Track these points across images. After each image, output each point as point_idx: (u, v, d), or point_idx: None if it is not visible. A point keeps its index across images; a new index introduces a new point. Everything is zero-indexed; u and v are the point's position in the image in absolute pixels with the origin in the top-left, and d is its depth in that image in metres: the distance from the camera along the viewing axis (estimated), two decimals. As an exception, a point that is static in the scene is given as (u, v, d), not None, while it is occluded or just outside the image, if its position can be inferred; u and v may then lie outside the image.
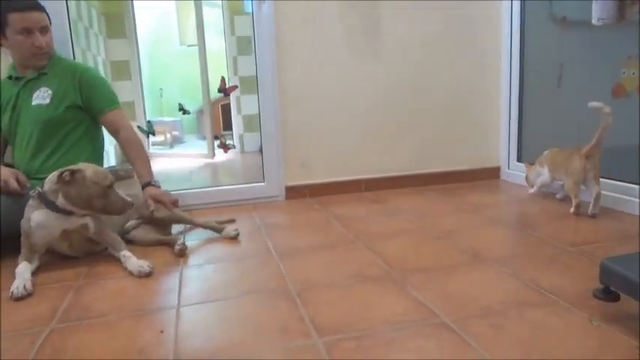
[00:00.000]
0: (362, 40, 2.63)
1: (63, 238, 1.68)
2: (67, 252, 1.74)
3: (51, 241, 1.67)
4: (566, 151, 2.27)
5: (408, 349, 1.05)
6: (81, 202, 1.62)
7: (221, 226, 1.98)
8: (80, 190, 1.60)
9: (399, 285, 1.39)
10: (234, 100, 5.01)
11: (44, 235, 1.63)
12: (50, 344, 1.15)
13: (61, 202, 1.61)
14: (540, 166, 2.39)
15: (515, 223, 1.97)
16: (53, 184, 1.61)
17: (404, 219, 2.11)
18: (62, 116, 1.96)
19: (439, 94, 2.77)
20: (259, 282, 1.48)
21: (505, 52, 2.78)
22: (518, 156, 2.78)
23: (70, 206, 1.62)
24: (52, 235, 1.65)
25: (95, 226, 1.71)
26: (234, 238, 1.92)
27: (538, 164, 2.40)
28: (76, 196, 1.60)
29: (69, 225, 1.66)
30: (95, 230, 1.71)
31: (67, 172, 1.58)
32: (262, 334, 1.15)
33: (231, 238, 1.93)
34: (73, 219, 1.66)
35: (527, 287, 1.34)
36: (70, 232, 1.68)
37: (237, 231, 1.94)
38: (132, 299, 1.39)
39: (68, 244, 1.71)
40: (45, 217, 1.61)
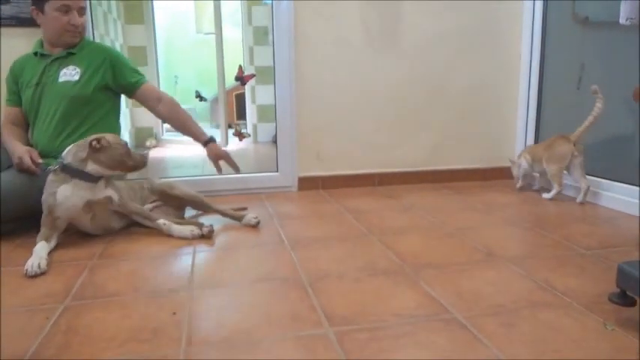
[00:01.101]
0: (381, 35, 2.61)
1: (86, 211, 1.71)
2: (89, 228, 1.77)
3: (74, 215, 1.70)
4: (544, 142, 2.40)
5: (420, 343, 1.05)
6: (114, 163, 1.73)
7: (240, 214, 1.98)
8: (110, 153, 1.72)
9: (412, 279, 1.39)
10: (248, 89, 5.01)
11: (69, 208, 1.67)
12: (65, 320, 1.17)
13: (92, 169, 1.70)
14: (519, 157, 2.51)
15: (530, 223, 1.96)
16: (79, 154, 1.69)
17: (417, 215, 2.11)
18: (89, 95, 2.00)
19: (456, 91, 2.75)
20: (271, 270, 1.48)
21: (525, 52, 2.75)
22: (534, 157, 2.75)
23: (102, 170, 1.71)
24: (76, 208, 1.69)
25: (119, 197, 1.78)
26: (255, 226, 1.93)
27: (518, 158, 2.52)
28: (107, 159, 1.71)
29: (92, 196, 1.71)
30: (119, 202, 1.78)
31: (94, 141, 1.69)
32: (273, 321, 1.15)
33: (252, 225, 1.93)
34: (97, 190, 1.72)
35: (541, 288, 1.33)
36: (94, 204, 1.72)
37: (258, 219, 1.94)
38: (146, 280, 1.41)
39: (91, 216, 1.74)
40: (70, 189, 1.67)
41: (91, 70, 2.01)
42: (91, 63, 2.02)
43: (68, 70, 1.99)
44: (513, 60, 2.79)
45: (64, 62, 2.01)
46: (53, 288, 1.36)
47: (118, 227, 1.85)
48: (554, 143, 2.30)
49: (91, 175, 1.70)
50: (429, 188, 2.65)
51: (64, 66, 2.00)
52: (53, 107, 1.97)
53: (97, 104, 2.04)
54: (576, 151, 2.21)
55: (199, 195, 2.03)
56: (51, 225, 1.66)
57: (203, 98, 4.68)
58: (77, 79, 1.98)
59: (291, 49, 2.52)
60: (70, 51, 2.02)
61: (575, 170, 2.24)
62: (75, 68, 2.00)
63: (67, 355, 1.01)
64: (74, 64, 2.01)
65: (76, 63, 2.01)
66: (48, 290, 1.35)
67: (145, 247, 1.72)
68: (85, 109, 2.00)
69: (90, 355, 1.01)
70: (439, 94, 2.73)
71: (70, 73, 1.99)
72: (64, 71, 1.99)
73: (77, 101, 1.98)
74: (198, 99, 4.65)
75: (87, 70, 2.01)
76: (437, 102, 2.74)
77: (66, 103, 1.97)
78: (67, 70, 1.99)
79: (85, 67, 2.01)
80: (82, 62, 2.02)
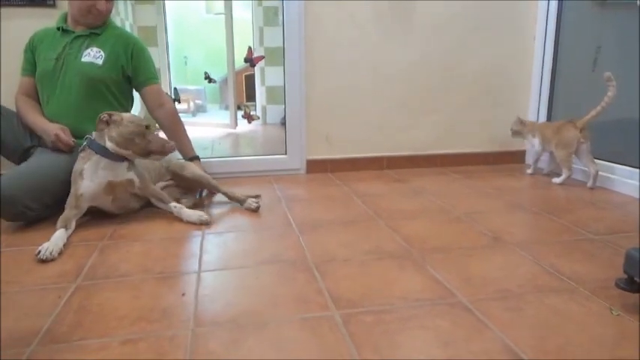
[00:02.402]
0: (392, 17, 2.57)
1: (108, 192, 1.74)
2: (110, 208, 1.81)
3: (97, 194, 1.73)
4: (554, 124, 2.39)
5: (426, 326, 1.06)
6: (123, 141, 1.71)
7: (242, 197, 1.99)
8: (120, 130, 1.70)
9: (418, 263, 1.40)
10: (258, 71, 4.98)
11: (92, 186, 1.70)
12: (77, 300, 1.19)
13: (109, 146, 1.71)
14: (532, 134, 2.49)
15: (539, 208, 1.94)
16: (96, 129, 1.72)
17: (425, 199, 2.10)
18: (112, 79, 2.03)
19: (468, 73, 2.71)
20: (279, 252, 1.50)
21: (540, 33, 2.70)
22: (545, 141, 2.72)
23: (117, 148, 1.71)
24: (99, 187, 1.72)
25: (140, 181, 1.80)
26: (255, 211, 1.94)
27: (528, 130, 2.51)
28: (117, 135, 1.70)
29: (114, 177, 1.74)
30: (140, 185, 1.81)
31: (104, 114, 1.70)
32: (280, 303, 1.17)
33: (252, 210, 1.94)
34: (119, 171, 1.75)
35: (547, 273, 1.33)
36: (116, 186, 1.75)
37: (259, 204, 1.96)
38: (155, 262, 1.43)
39: (112, 197, 1.77)
40: (94, 166, 1.70)
41: (114, 56, 2.03)
42: (113, 48, 2.03)
43: (92, 51, 2.00)
44: (527, 41, 2.74)
45: (88, 42, 2.01)
46: (65, 268, 1.39)
47: (138, 207, 1.88)
48: (562, 128, 2.30)
49: (111, 153, 1.71)
50: (438, 172, 2.64)
51: (87, 46, 2.01)
52: (75, 85, 1.98)
53: (118, 89, 2.08)
54: (582, 137, 2.22)
55: (207, 177, 2.03)
56: (75, 204, 1.68)
57: (212, 80, 4.67)
58: (100, 63, 2.00)
59: (301, 30, 2.50)
60: (93, 31, 2.02)
61: (583, 156, 2.25)
62: (99, 51, 2.01)
63: (79, 333, 1.04)
64: (98, 45, 2.02)
65: (100, 45, 2.02)
66: (60, 270, 1.38)
67: (154, 228, 1.74)
68: (106, 91, 2.04)
69: (101, 333, 1.04)
70: (450, 76, 2.70)
71: (94, 55, 2.00)
72: (87, 51, 2.00)
73: (100, 84, 2.01)
74: (207, 80, 4.64)
75: (110, 55, 2.02)
76: (448, 84, 2.71)
77: (88, 83, 1.98)
78: (92, 51, 2.00)
79: (108, 51, 2.02)
80: (106, 46, 2.02)
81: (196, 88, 5.62)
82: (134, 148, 1.74)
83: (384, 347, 0.98)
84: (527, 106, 2.80)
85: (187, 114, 5.36)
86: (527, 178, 2.50)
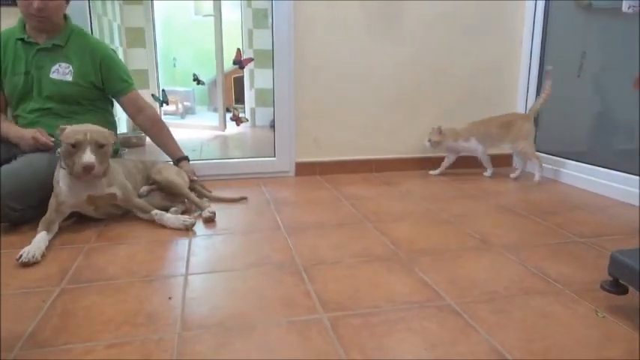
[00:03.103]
0: (381, 19, 2.59)
1: (89, 202, 1.72)
2: (93, 214, 1.78)
3: (78, 204, 1.70)
4: (497, 120, 2.49)
5: (413, 329, 1.06)
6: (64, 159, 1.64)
7: (204, 204, 1.93)
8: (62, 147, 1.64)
9: (406, 266, 1.40)
10: (247, 73, 4.97)
11: (71, 197, 1.67)
12: (61, 303, 1.17)
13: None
14: (464, 139, 2.54)
15: (525, 210, 1.96)
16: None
17: (413, 202, 2.11)
18: (84, 94, 2.00)
19: (455, 77, 2.73)
20: (267, 255, 1.49)
21: (527, 37, 2.73)
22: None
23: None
24: (78, 198, 1.69)
25: (123, 194, 1.77)
26: (209, 221, 1.83)
27: (460, 138, 2.55)
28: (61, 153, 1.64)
29: (94, 191, 1.70)
30: (123, 197, 1.77)
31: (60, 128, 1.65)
32: (268, 306, 1.16)
33: (206, 218, 1.83)
34: (98, 186, 1.70)
35: (534, 275, 1.34)
36: (96, 199, 1.72)
37: (214, 214, 1.85)
38: (141, 265, 1.41)
39: (94, 208, 1.75)
40: (69, 178, 1.66)
41: (83, 70, 1.97)
42: (82, 61, 1.97)
43: (61, 67, 1.95)
44: (515, 45, 2.77)
45: (53, 56, 1.95)
46: (49, 271, 1.37)
47: (121, 212, 1.85)
48: (514, 122, 2.43)
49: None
50: (426, 175, 2.65)
51: (54, 61, 1.95)
52: (50, 100, 1.95)
53: (91, 101, 2.04)
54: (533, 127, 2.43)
55: (178, 183, 1.95)
56: (56, 208, 1.65)
57: (201, 82, 4.65)
58: (71, 79, 1.95)
59: (291, 33, 2.50)
60: (55, 42, 1.95)
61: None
62: (68, 66, 1.95)
63: (64, 337, 1.02)
64: (65, 60, 1.96)
65: (67, 59, 1.96)
66: (44, 273, 1.36)
67: (140, 231, 1.73)
68: (83, 102, 2.01)
69: (86, 337, 1.02)
70: (438, 79, 2.72)
71: (62, 72, 1.95)
72: (55, 67, 1.94)
73: (72, 99, 1.97)
74: (196, 82, 4.61)
75: (80, 69, 1.97)
76: (436, 87, 2.72)
77: (61, 98, 1.95)
78: (60, 67, 1.95)
79: (77, 65, 1.96)
80: (73, 59, 1.97)
81: (185, 90, 5.58)
82: (69, 168, 1.64)
83: (372, 350, 0.98)
84: (515, 107, 2.83)
85: (176, 116, 5.32)
86: (513, 180, 2.52)
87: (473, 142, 2.53)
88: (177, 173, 2.03)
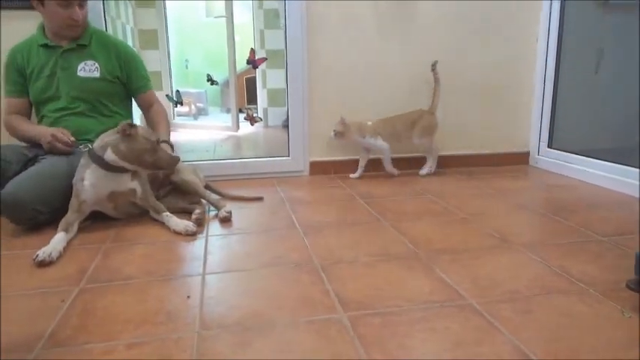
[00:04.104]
0: (394, 18, 2.57)
1: (110, 200, 1.73)
2: (111, 213, 1.79)
3: (99, 202, 1.72)
4: (404, 116, 2.50)
5: (434, 328, 1.04)
6: (132, 156, 1.68)
7: (220, 204, 1.92)
8: (132, 145, 1.67)
9: (425, 265, 1.38)
10: (259, 73, 4.98)
11: (94, 194, 1.68)
12: (80, 303, 1.18)
13: (110, 158, 1.67)
14: (372, 136, 2.48)
15: (545, 209, 1.93)
16: (105, 139, 1.68)
17: (429, 200, 2.09)
18: (110, 89, 2.05)
19: (470, 74, 2.71)
20: (283, 254, 1.48)
21: (543, 34, 2.69)
22: (549, 142, 2.71)
23: (120, 161, 1.67)
24: (101, 196, 1.70)
25: (142, 191, 1.78)
26: (225, 220, 1.83)
27: (367, 134, 2.47)
28: (127, 150, 1.67)
29: (117, 187, 1.72)
30: (142, 195, 1.78)
31: (125, 125, 1.65)
32: (286, 305, 1.16)
33: (222, 217, 1.83)
34: (121, 181, 1.72)
35: (556, 274, 1.31)
36: (118, 195, 1.73)
37: (230, 213, 1.85)
38: (159, 264, 1.41)
39: (114, 205, 1.76)
40: (96, 175, 1.67)
41: (110, 66, 2.04)
42: (108, 58, 2.04)
43: (87, 65, 2.00)
44: (530, 42, 2.73)
45: (79, 55, 2.00)
46: (68, 271, 1.38)
47: (139, 212, 1.86)
48: (421, 118, 2.48)
49: (107, 164, 1.67)
50: (441, 173, 2.63)
51: (79, 60, 2.00)
52: (75, 100, 1.99)
53: (118, 96, 2.10)
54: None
55: (194, 182, 1.97)
56: (77, 208, 1.67)
57: (214, 82, 4.65)
58: (98, 75, 2.01)
59: (304, 32, 2.49)
60: (80, 42, 2.00)
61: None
62: (94, 64, 2.01)
63: (84, 337, 1.02)
64: (91, 58, 2.01)
65: (92, 57, 2.02)
66: (63, 273, 1.36)
67: (156, 231, 1.73)
68: (107, 101, 2.05)
69: (106, 336, 1.02)
70: (452, 77, 2.68)
71: (89, 69, 2.00)
72: (82, 65, 1.99)
73: (100, 95, 2.03)
74: (210, 82, 4.62)
75: (106, 65, 2.03)
76: (449, 85, 2.69)
77: (88, 96, 2.00)
78: (86, 65, 2.00)
79: (103, 62, 2.02)
80: (98, 56, 2.02)
81: (197, 91, 5.61)
82: (143, 163, 1.72)
83: (393, 350, 0.97)
84: (530, 107, 2.79)
85: (189, 117, 5.34)
86: (531, 179, 2.49)
87: (379, 141, 2.46)
88: (193, 173, 2.04)
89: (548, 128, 2.71)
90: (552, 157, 2.66)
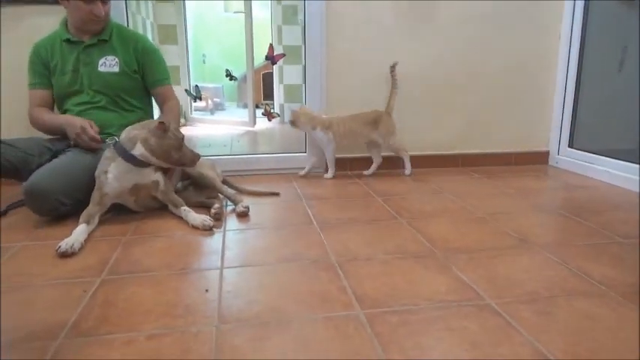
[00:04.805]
0: (413, 16, 2.55)
1: (132, 193, 1.76)
2: (132, 206, 1.82)
3: (121, 194, 1.74)
4: (362, 116, 2.45)
5: (452, 328, 1.04)
6: (160, 152, 1.71)
7: (238, 198, 1.94)
8: (162, 141, 1.70)
9: (442, 264, 1.38)
10: (276, 69, 4.99)
11: (117, 187, 1.71)
12: (102, 294, 1.20)
13: (139, 152, 1.69)
14: (322, 129, 2.43)
15: (564, 209, 1.91)
16: (133, 132, 1.71)
17: (446, 198, 2.08)
18: (130, 83, 2.08)
19: (490, 71, 2.68)
20: (300, 250, 1.49)
21: (565, 31, 2.65)
22: (570, 141, 2.67)
23: (149, 155, 1.70)
24: (123, 188, 1.73)
25: (164, 184, 1.81)
26: (242, 215, 1.85)
27: (318, 127, 2.43)
28: (157, 146, 1.70)
29: (140, 179, 1.75)
30: (163, 188, 1.81)
31: (162, 123, 1.68)
32: (304, 301, 1.16)
33: (239, 212, 1.86)
34: (145, 174, 1.75)
35: (576, 276, 1.30)
36: (140, 188, 1.76)
37: (247, 208, 1.87)
38: (178, 257, 1.43)
39: (135, 198, 1.79)
40: (120, 168, 1.70)
41: (128, 60, 2.06)
42: (127, 52, 2.06)
43: (107, 60, 2.03)
44: (552, 40, 2.68)
45: (100, 50, 2.03)
46: (89, 262, 1.40)
47: (158, 206, 1.88)
48: (381, 119, 2.44)
49: (134, 158, 1.69)
50: (459, 172, 2.61)
51: (100, 55, 2.03)
52: (97, 95, 2.03)
53: (138, 91, 2.13)
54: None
55: (211, 177, 1.99)
56: (98, 200, 1.70)
57: (233, 77, 4.68)
58: (117, 70, 2.04)
59: (323, 28, 2.49)
60: (101, 37, 2.03)
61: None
62: (114, 58, 2.04)
63: (105, 327, 1.04)
64: (111, 53, 2.04)
65: (113, 52, 2.05)
66: (84, 264, 1.39)
67: (175, 225, 1.75)
68: (128, 96, 2.09)
69: (127, 327, 1.04)
70: (472, 74, 2.66)
71: (109, 64, 2.03)
72: (102, 61, 2.03)
73: (121, 90, 2.06)
74: (229, 78, 4.65)
75: (124, 59, 2.05)
76: (469, 83, 2.67)
77: (109, 91, 2.03)
78: (106, 60, 2.03)
79: (122, 56, 2.05)
80: (118, 50, 2.05)
81: (214, 86, 5.64)
82: (169, 159, 1.74)
83: (411, 349, 0.97)
84: (552, 105, 2.75)
85: (206, 112, 5.38)
86: (551, 179, 2.46)
87: (328, 135, 2.41)
88: (211, 168, 2.06)
89: (569, 127, 2.67)
90: (573, 156, 2.62)
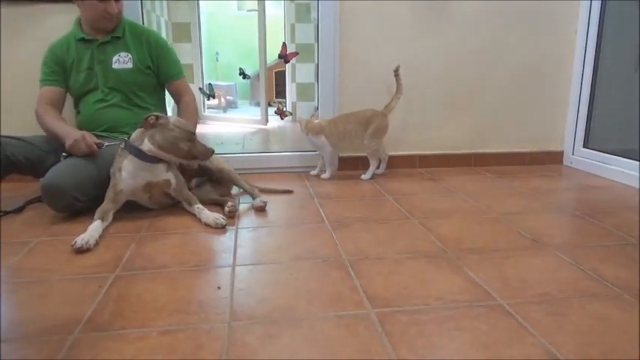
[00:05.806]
0: (427, 14, 2.53)
1: (145, 190, 1.79)
2: (146, 203, 1.85)
3: (135, 192, 1.77)
4: (355, 116, 2.39)
5: (463, 328, 1.04)
6: (167, 145, 1.73)
7: (258, 193, 1.98)
8: (166, 134, 1.73)
9: (454, 264, 1.37)
10: (288, 67, 4.99)
11: (131, 184, 1.74)
12: (116, 289, 1.22)
13: (147, 147, 1.72)
14: (315, 135, 2.40)
15: (578, 210, 1.89)
16: (138, 131, 1.75)
17: (459, 198, 2.07)
18: (143, 79, 2.10)
19: (505, 70, 2.65)
20: (312, 249, 1.49)
21: (582, 29, 2.61)
22: (585, 141, 2.64)
23: (156, 150, 1.73)
24: (137, 186, 1.76)
25: (176, 182, 1.83)
26: (260, 210, 1.90)
27: (311, 132, 2.41)
28: (162, 140, 1.73)
29: (153, 177, 1.77)
30: (176, 187, 1.83)
31: (151, 116, 1.71)
32: (315, 299, 1.17)
33: (257, 207, 1.91)
34: (157, 172, 1.77)
35: (590, 277, 1.28)
36: (153, 185, 1.79)
37: (265, 203, 1.91)
38: (191, 255, 1.45)
39: (149, 196, 1.81)
40: (133, 165, 1.73)
41: (141, 56, 2.08)
42: (140, 48, 2.08)
43: (121, 57, 2.05)
44: (568, 38, 2.65)
45: (113, 47, 2.05)
46: (103, 258, 1.42)
47: (172, 203, 1.90)
48: (373, 119, 2.36)
49: (144, 154, 1.72)
50: (472, 172, 2.59)
51: (114, 51, 2.05)
52: (112, 91, 2.05)
53: (151, 88, 2.14)
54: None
55: (229, 171, 2.04)
56: (113, 197, 1.73)
57: (247, 76, 4.69)
58: (131, 66, 2.06)
59: (336, 26, 2.48)
60: (114, 35, 2.05)
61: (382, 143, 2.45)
62: (127, 55, 2.06)
63: (119, 322, 1.06)
64: (125, 49, 2.06)
65: (126, 48, 2.07)
66: (99, 260, 1.41)
67: (188, 222, 1.77)
68: (141, 93, 2.11)
69: (141, 323, 1.06)
70: (486, 73, 2.64)
71: (122, 60, 2.05)
72: (116, 58, 2.05)
73: (134, 87, 2.08)
74: (242, 76, 4.66)
75: (138, 55, 2.07)
76: (484, 82, 2.65)
77: (123, 88, 2.06)
78: (120, 57, 2.05)
79: (135, 52, 2.07)
80: (131, 47, 2.07)
81: (227, 84, 5.67)
82: (178, 152, 1.76)
83: (421, 348, 0.97)
84: (566, 105, 2.72)
85: (218, 110, 5.41)
86: (565, 179, 2.43)
87: (322, 140, 2.39)
88: (226, 162, 2.09)
89: (584, 127, 2.64)
90: (588, 157, 2.59)
